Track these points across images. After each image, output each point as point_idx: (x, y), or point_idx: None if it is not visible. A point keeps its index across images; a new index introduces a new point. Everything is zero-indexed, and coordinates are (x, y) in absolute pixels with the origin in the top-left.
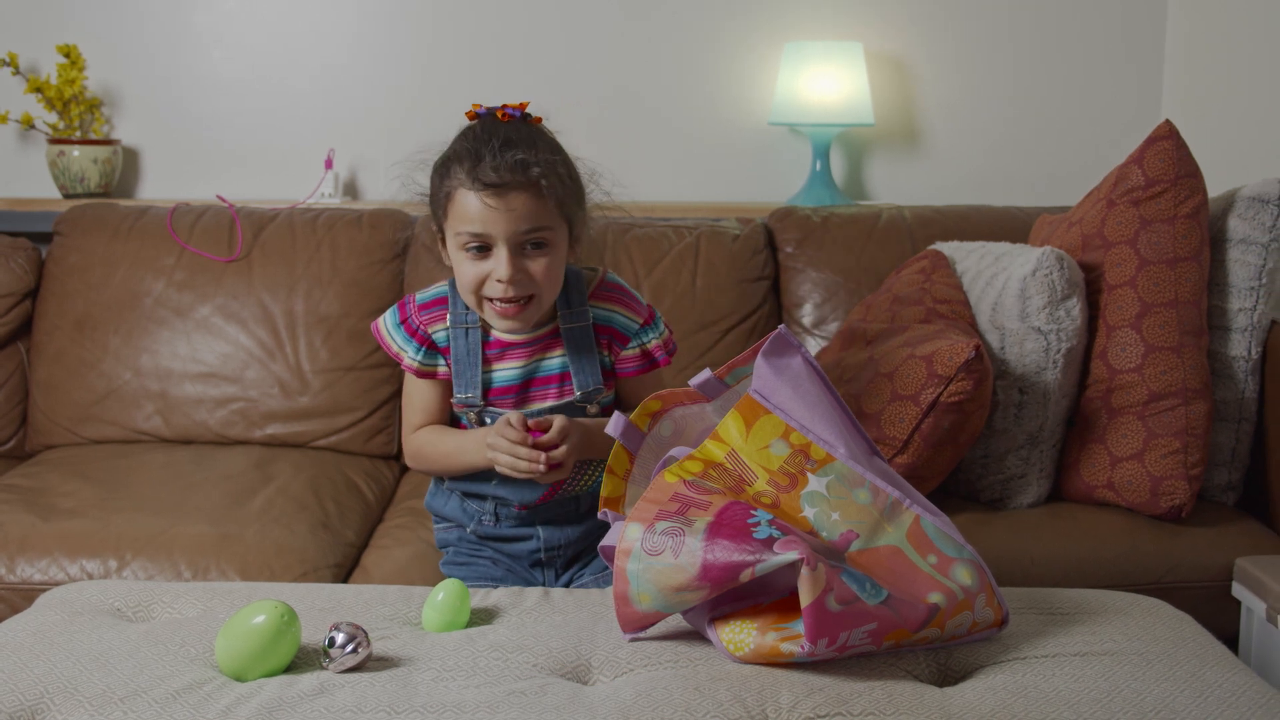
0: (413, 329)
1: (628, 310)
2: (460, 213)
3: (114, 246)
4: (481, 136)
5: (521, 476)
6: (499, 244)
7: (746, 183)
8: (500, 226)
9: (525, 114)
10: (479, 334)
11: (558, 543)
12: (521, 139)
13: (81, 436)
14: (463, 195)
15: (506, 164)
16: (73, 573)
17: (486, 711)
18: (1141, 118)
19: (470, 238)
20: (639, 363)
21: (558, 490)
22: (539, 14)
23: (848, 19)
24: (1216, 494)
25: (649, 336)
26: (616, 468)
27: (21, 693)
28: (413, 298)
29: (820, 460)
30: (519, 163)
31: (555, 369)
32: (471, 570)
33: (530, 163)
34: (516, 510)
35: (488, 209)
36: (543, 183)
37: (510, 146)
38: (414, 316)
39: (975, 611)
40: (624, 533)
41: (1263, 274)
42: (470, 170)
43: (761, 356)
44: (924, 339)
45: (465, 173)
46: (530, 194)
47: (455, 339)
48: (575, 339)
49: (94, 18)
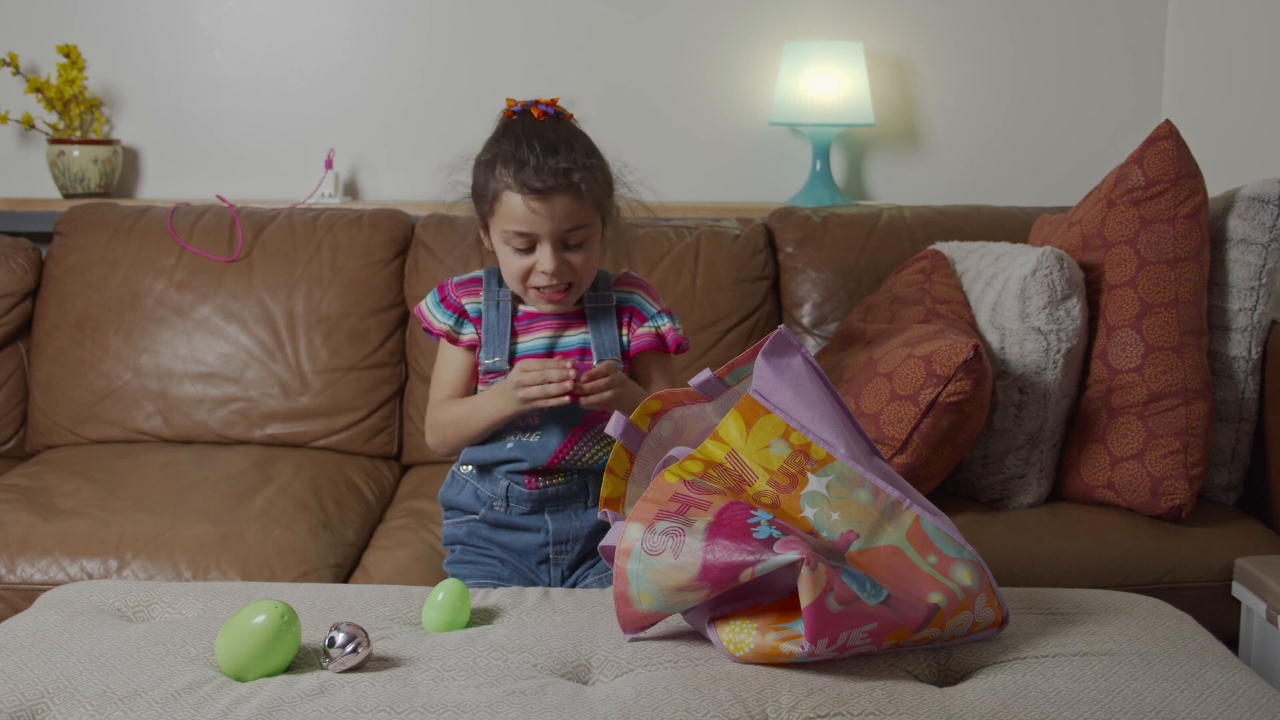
0: (451, 303)
1: (647, 295)
2: (506, 213)
3: (114, 246)
4: (523, 139)
5: (553, 401)
6: (543, 241)
7: (746, 183)
8: (545, 227)
9: (558, 110)
10: (509, 306)
11: (566, 535)
12: (561, 140)
13: (82, 436)
14: (509, 197)
15: (549, 170)
16: (73, 573)
17: (486, 711)
18: (1141, 118)
19: (516, 236)
20: (652, 339)
21: (573, 445)
22: (539, 14)
23: (848, 19)
24: (1216, 494)
25: (664, 321)
26: (617, 468)
27: (21, 693)
28: (450, 280)
29: (820, 460)
30: (562, 170)
31: (576, 343)
32: (478, 569)
33: (571, 169)
34: (528, 490)
35: (533, 213)
36: (583, 187)
37: (552, 152)
38: (452, 294)
39: (975, 611)
40: (624, 533)
41: (1263, 274)
42: (516, 175)
43: (762, 356)
44: (923, 339)
45: (511, 176)
46: (571, 196)
47: (487, 310)
48: (598, 316)
49: (94, 18)
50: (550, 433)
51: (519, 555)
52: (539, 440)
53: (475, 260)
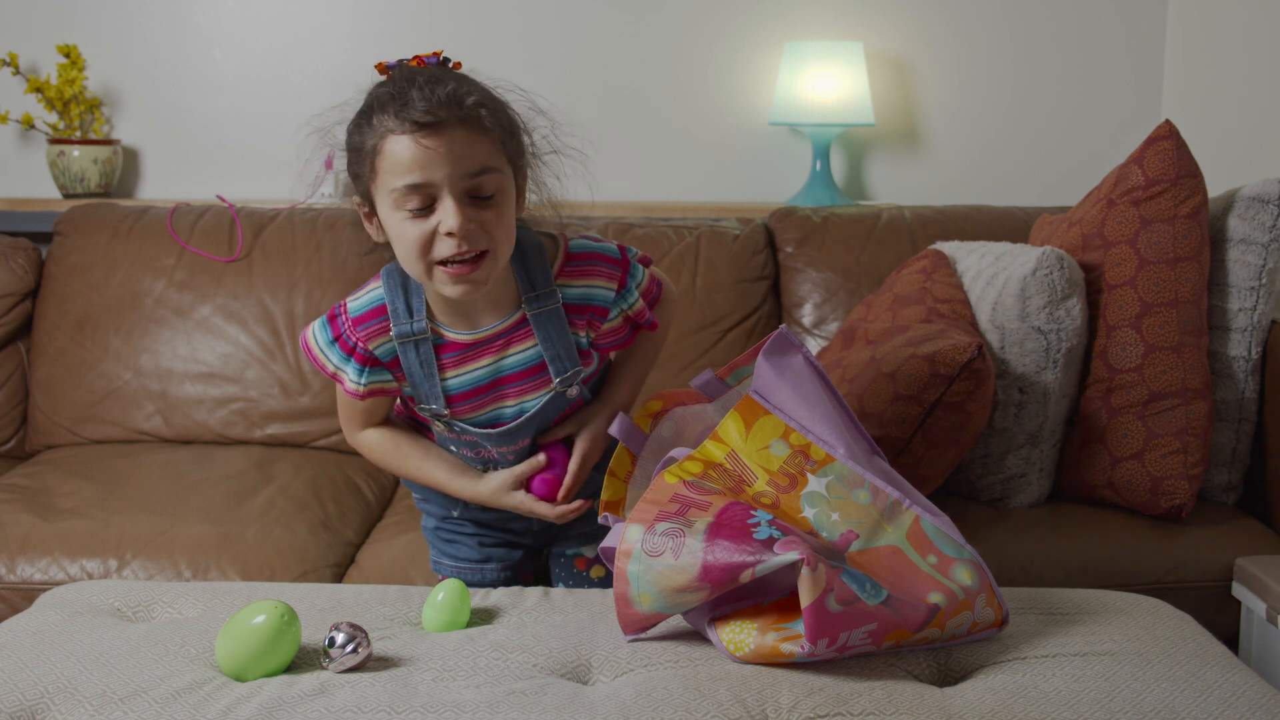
0: (349, 347)
1: (602, 279)
2: (392, 164)
3: (114, 246)
4: (401, 80)
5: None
6: (443, 193)
7: (746, 183)
8: (441, 169)
9: (442, 59)
10: (429, 344)
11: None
12: (449, 76)
13: (82, 436)
14: (392, 142)
15: (439, 98)
16: (73, 573)
17: (486, 711)
18: (1141, 118)
19: (408, 191)
20: (624, 333)
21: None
22: (539, 14)
23: (848, 19)
24: (1216, 494)
25: (629, 299)
26: (618, 470)
27: (21, 693)
28: (344, 308)
29: (820, 461)
30: (451, 95)
31: (527, 362)
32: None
33: (465, 93)
34: None
35: (425, 150)
36: (483, 112)
37: (440, 83)
38: (349, 333)
39: (975, 611)
40: (624, 534)
41: (1263, 274)
42: (398, 113)
43: (763, 356)
44: (926, 338)
45: (392, 115)
46: (471, 129)
47: (405, 354)
48: (546, 325)
49: (94, 18)
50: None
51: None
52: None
53: None
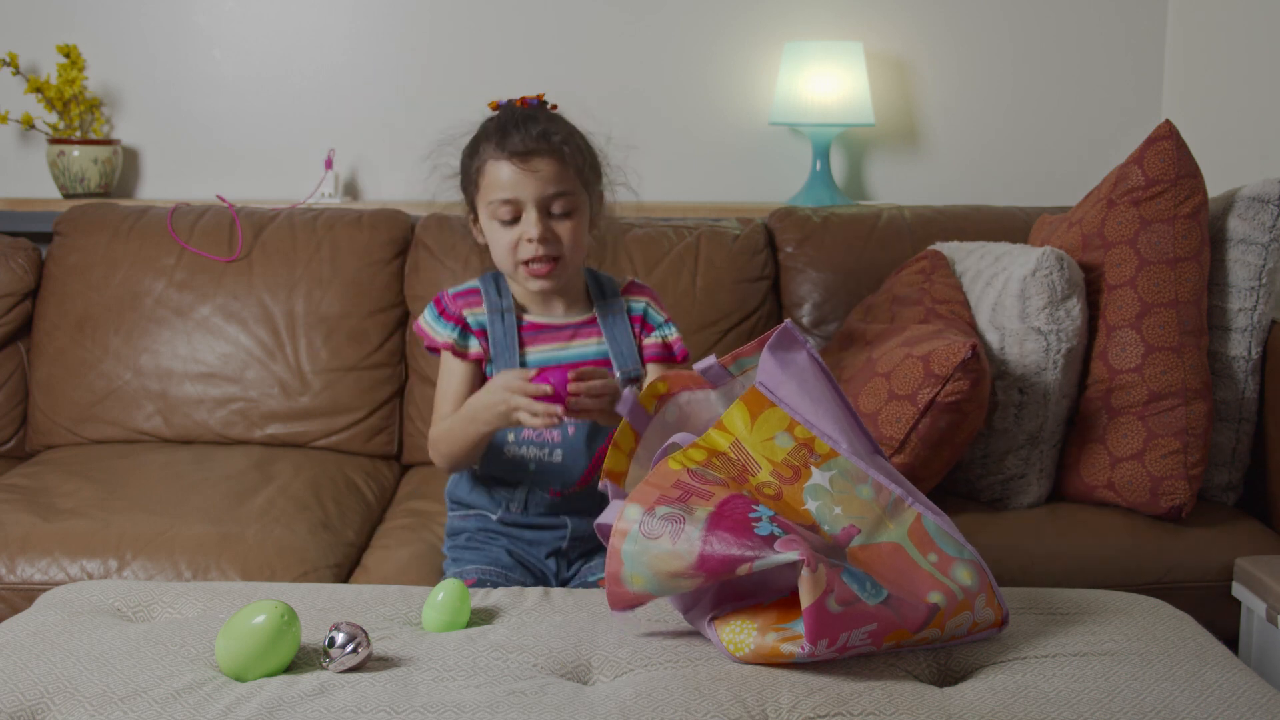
0: (450, 315)
1: (654, 303)
2: (491, 182)
3: (114, 246)
4: (506, 117)
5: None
6: (528, 207)
7: (746, 183)
8: (529, 190)
9: (542, 102)
10: (514, 316)
11: (585, 533)
12: (543, 117)
13: (82, 436)
14: (493, 165)
15: (532, 135)
16: (73, 573)
17: (486, 711)
18: (1141, 118)
19: (502, 204)
20: (659, 350)
21: (595, 470)
22: (539, 14)
23: (848, 19)
24: (1216, 494)
25: (671, 331)
26: (622, 443)
27: (21, 693)
28: (445, 292)
29: (824, 455)
30: (542, 133)
31: (587, 355)
32: (481, 555)
33: (552, 132)
34: (550, 497)
35: (517, 173)
36: (564, 149)
37: (534, 121)
38: (450, 306)
39: (975, 612)
40: (622, 512)
41: (1263, 274)
42: (499, 144)
43: (768, 350)
44: (921, 339)
45: (494, 146)
46: (554, 159)
47: (492, 323)
48: (612, 325)
49: (94, 18)
50: (574, 453)
51: (528, 546)
52: (562, 463)
53: (476, 261)
